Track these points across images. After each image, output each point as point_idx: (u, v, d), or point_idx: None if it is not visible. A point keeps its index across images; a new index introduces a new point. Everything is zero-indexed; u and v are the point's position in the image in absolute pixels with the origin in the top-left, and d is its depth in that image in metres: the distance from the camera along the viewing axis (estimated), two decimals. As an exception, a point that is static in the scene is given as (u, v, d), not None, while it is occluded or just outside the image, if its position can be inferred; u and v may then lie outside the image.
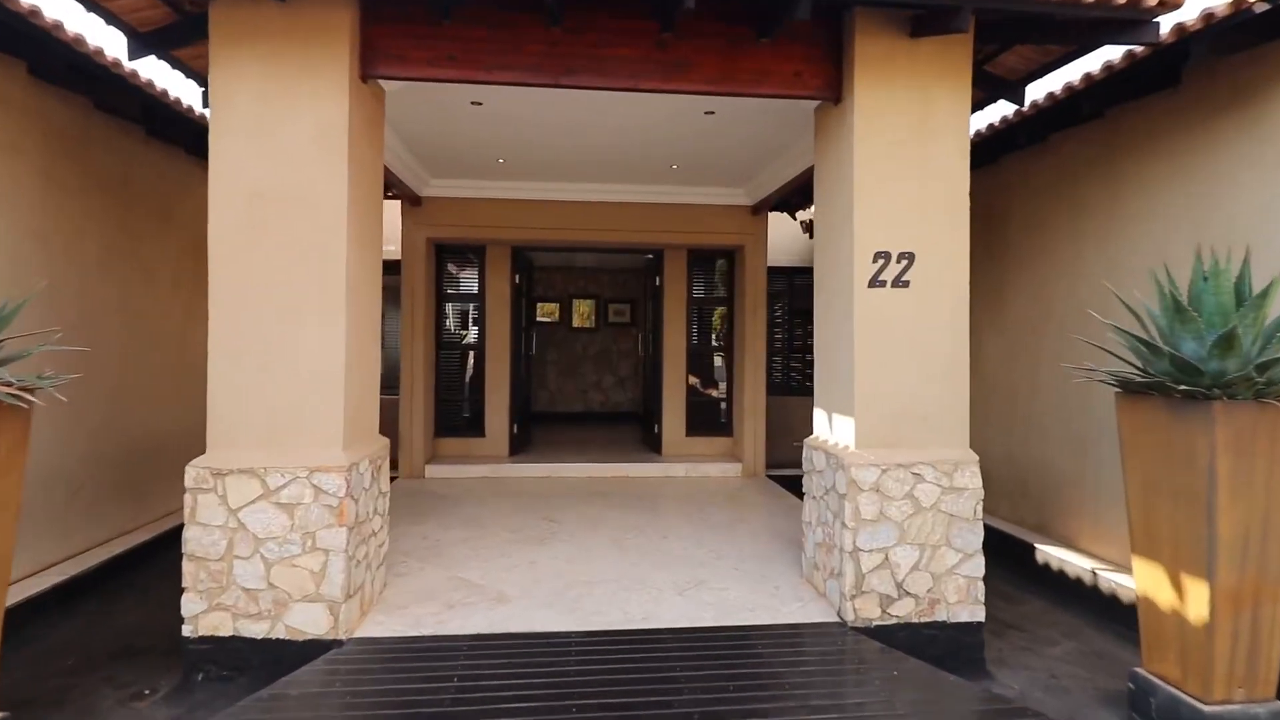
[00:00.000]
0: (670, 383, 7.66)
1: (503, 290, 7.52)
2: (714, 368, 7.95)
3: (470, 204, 6.97)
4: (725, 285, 7.84)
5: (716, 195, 7.16)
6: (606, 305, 11.24)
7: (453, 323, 7.69)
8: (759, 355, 7.29)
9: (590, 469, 7.14)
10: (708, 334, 8.08)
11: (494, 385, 7.50)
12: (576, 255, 10.00)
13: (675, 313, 7.68)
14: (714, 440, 7.73)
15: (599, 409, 11.23)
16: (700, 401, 7.88)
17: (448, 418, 7.55)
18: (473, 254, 7.57)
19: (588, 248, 7.65)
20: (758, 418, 7.27)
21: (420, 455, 6.97)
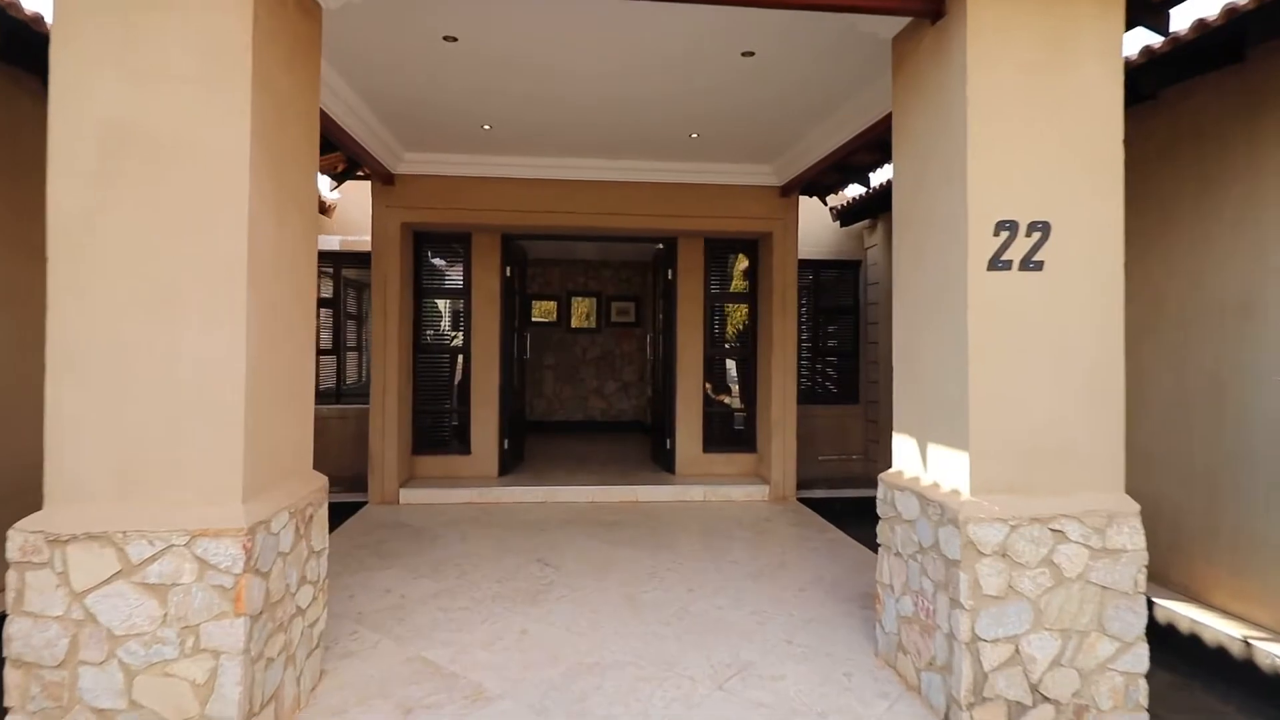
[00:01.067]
0: (684, 391, 6.66)
1: (491, 285, 6.51)
2: (734, 374, 6.94)
3: (452, 183, 5.97)
4: (748, 279, 6.84)
5: (740, 173, 6.16)
6: (609, 303, 10.24)
7: (434, 322, 6.68)
8: (789, 359, 6.29)
9: (593, 492, 6.13)
10: (728, 335, 7.08)
11: (481, 394, 6.50)
12: (576, 246, 8.94)
13: (690, 311, 6.68)
14: (735, 458, 6.73)
15: (600, 418, 10.23)
16: (719, 413, 6.89)
17: (428, 432, 6.54)
18: (457, 243, 6.56)
19: (589, 235, 6.64)
20: (787, 431, 6.27)
21: (394, 477, 5.96)
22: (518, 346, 7.30)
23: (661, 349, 7.22)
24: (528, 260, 7.93)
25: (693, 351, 6.68)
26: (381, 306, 5.94)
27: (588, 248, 9.11)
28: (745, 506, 6.02)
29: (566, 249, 9.23)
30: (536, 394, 10.11)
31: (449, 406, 6.59)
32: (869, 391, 8.14)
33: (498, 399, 6.50)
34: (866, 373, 8.20)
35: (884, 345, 7.62)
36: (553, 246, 8.95)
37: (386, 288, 5.95)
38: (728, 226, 6.26)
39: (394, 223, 5.95)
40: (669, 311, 6.82)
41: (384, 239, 5.95)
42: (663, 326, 7.10)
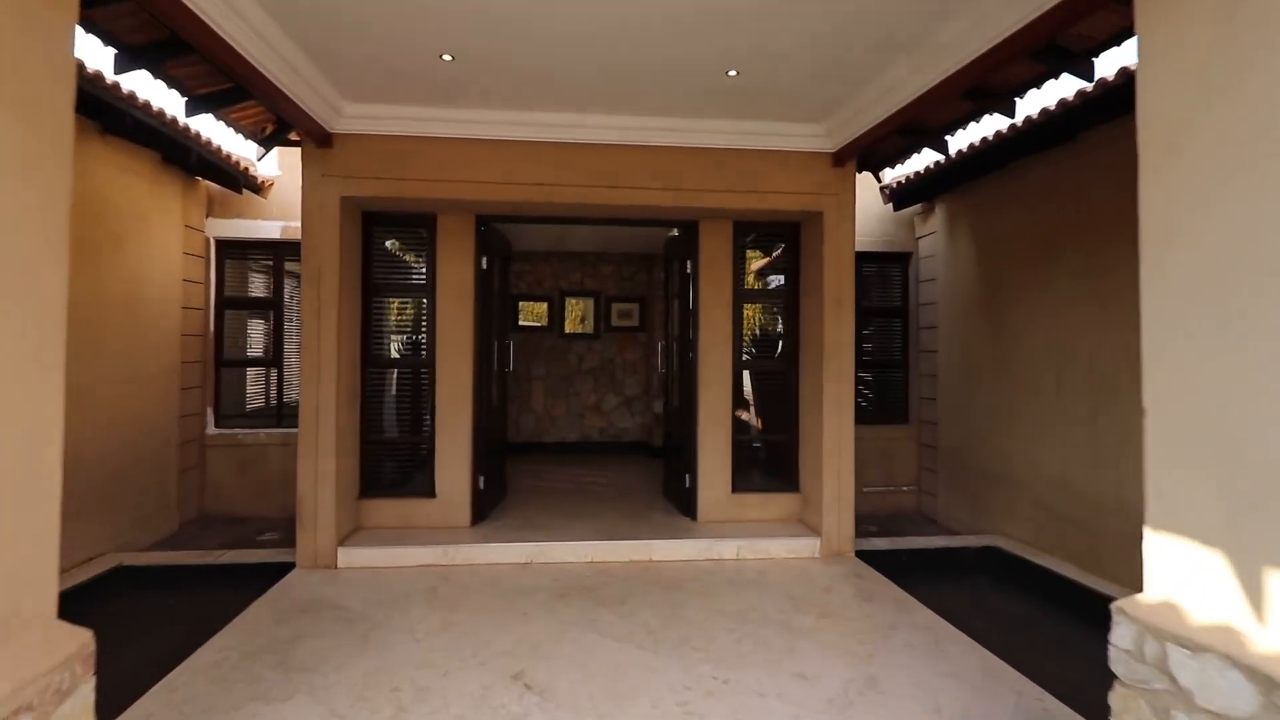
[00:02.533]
0: (709, 413, 5.26)
1: (462, 279, 5.11)
2: (772, 392, 5.55)
3: (409, 146, 4.57)
4: (789, 272, 5.45)
5: (783, 135, 4.79)
6: (609, 304, 8.84)
7: (390, 327, 5.26)
8: (843, 374, 4.91)
9: (593, 549, 4.71)
10: (764, 342, 5.69)
11: (449, 419, 5.08)
12: (570, 233, 7.46)
13: (715, 313, 5.29)
14: (773, 499, 5.33)
15: (599, 438, 8.82)
16: (751, 441, 5.49)
17: (380, 470, 5.12)
18: (418, 226, 5.15)
19: (587, 218, 5.25)
20: (841, 467, 4.88)
21: (330, 532, 4.52)
22: (499, 356, 5.90)
23: (676, 360, 5.82)
24: (511, 252, 6.52)
25: (719, 363, 5.28)
26: (314, 307, 4.52)
27: (585, 236, 7.63)
28: (792, 568, 4.62)
29: (558, 237, 7.77)
30: (524, 410, 8.69)
31: (408, 435, 5.17)
32: (922, 410, 6.78)
33: (471, 424, 5.09)
34: (918, 387, 6.84)
35: (945, 355, 6.26)
36: (541, 234, 7.51)
37: (321, 281, 4.53)
38: (764, 204, 4.88)
39: (331, 197, 4.53)
40: (688, 314, 5.43)
41: (319, 218, 4.53)
42: (679, 332, 5.71)
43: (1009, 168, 5.29)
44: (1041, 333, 4.98)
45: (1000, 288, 5.45)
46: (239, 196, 6.31)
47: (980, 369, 5.72)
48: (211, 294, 6.31)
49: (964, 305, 5.98)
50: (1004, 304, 5.39)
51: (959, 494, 6.07)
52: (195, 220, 6.07)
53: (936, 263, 6.50)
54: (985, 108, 4.38)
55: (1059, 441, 4.79)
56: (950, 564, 5.15)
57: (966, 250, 5.95)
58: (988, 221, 5.63)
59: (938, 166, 5.69)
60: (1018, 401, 5.22)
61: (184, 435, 5.91)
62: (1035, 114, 4.57)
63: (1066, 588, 4.37)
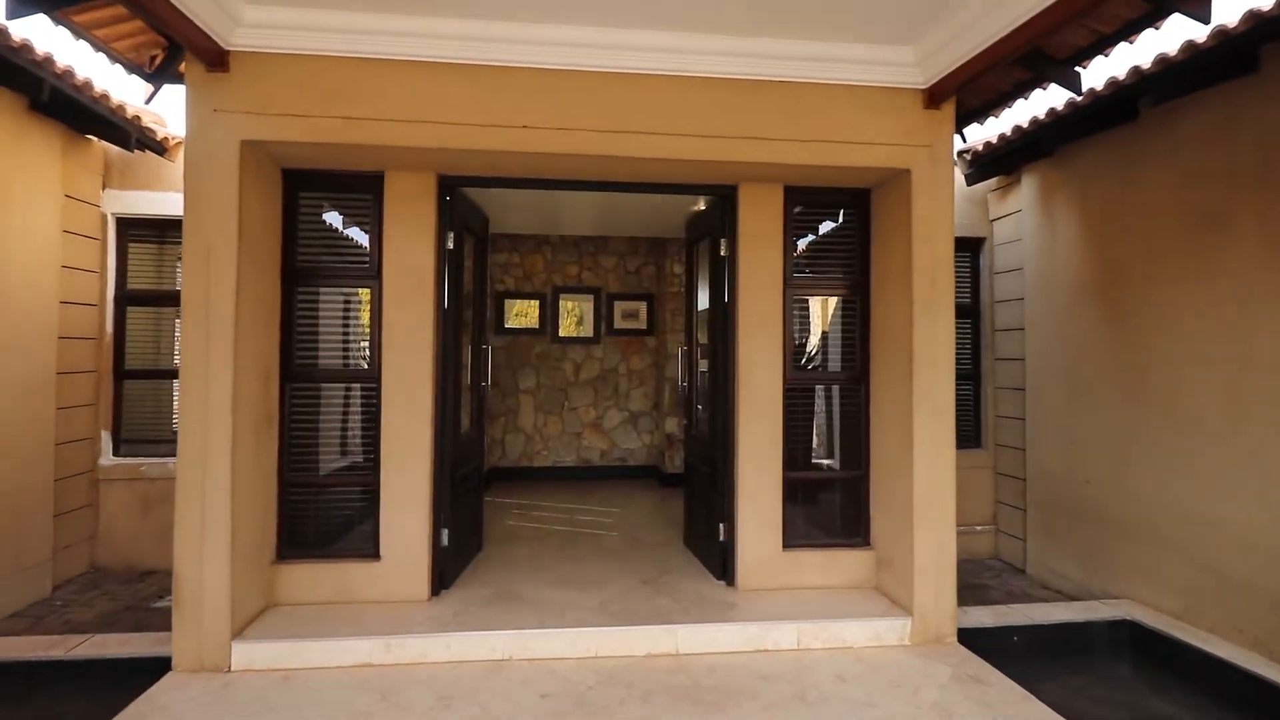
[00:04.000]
0: (752, 442, 3.92)
1: (419, 262, 3.77)
2: (834, 413, 4.21)
3: (341, 71, 3.25)
4: (857, 255, 4.12)
5: (859, 62, 3.49)
6: (610, 303, 7.52)
7: (320, 329, 3.91)
8: (941, 390, 3.58)
9: (597, 639, 3.36)
10: (821, 348, 4.35)
11: (399, 452, 3.73)
12: (567, 206, 5.90)
13: (760, 307, 3.96)
14: (839, 558, 3.99)
15: (600, 461, 7.47)
16: (809, 480, 4.15)
17: (304, 521, 3.76)
18: (358, 190, 3.81)
19: (591, 179, 3.91)
20: (940, 518, 3.55)
21: (223, 617, 3.16)
22: (475, 365, 4.56)
23: (706, 370, 4.49)
24: (488, 231, 5.17)
25: (765, 376, 3.95)
26: (199, 299, 3.17)
27: (584, 211, 6.09)
28: (879, 665, 3.28)
29: (551, 213, 6.26)
30: (510, 429, 7.35)
31: (343, 474, 3.82)
32: (1001, 432, 5.47)
33: (430, 457, 3.75)
34: (994, 403, 5.54)
35: (1038, 364, 4.96)
36: (529, 208, 5.98)
37: (211, 263, 3.18)
38: (830, 158, 3.56)
39: (227, 142, 3.20)
40: (722, 310, 4.10)
41: (208, 172, 3.19)
42: (711, 333, 4.36)
43: (1143, 119, 4.01)
44: (1200, 337, 3.68)
45: (1129, 277, 4.15)
46: (148, 164, 4.98)
47: (1096, 383, 4.41)
48: (110, 286, 4.97)
49: (1069, 301, 4.68)
50: (1136, 298, 4.09)
51: (1061, 541, 4.76)
52: (84, 190, 4.72)
53: (1022, 249, 5.21)
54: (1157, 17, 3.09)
55: (1236, 484, 3.49)
56: (1076, 645, 3.84)
57: (1073, 230, 4.65)
58: (1109, 191, 4.34)
59: (1035, 124, 4.41)
60: (1161, 427, 3.92)
61: (66, 468, 4.55)
62: (1204, 39, 3.32)
63: (1253, 687, 3.12)
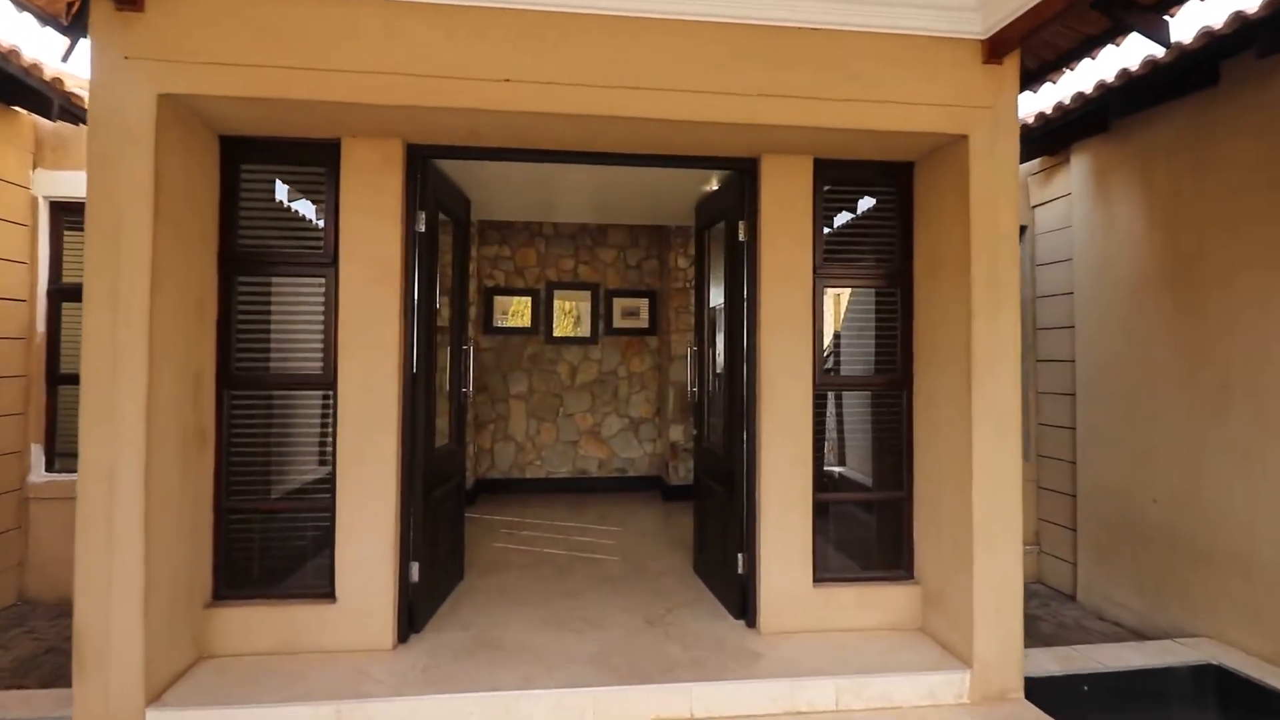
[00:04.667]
0: (777, 458, 3.33)
1: (383, 248, 3.18)
2: (870, 424, 3.63)
3: (287, 6, 2.67)
4: (898, 242, 3.54)
5: (908, 6, 2.92)
6: (610, 300, 6.94)
7: (269, 325, 3.32)
8: (1005, 398, 3.00)
9: (594, 702, 2.77)
10: (855, 348, 3.76)
11: (359, 471, 3.13)
12: (557, 184, 5.07)
13: (786, 299, 3.37)
14: (879, 594, 3.40)
15: (598, 472, 6.89)
16: (842, 503, 3.57)
17: (246, 556, 3.16)
18: (308, 159, 3.22)
19: (590, 150, 3.33)
20: (1005, 551, 2.97)
21: (134, 677, 2.56)
22: (454, 369, 3.99)
23: (724, 373, 3.92)
24: (469, 213, 4.57)
25: (792, 379, 3.37)
26: (105, 287, 2.58)
27: (580, 190, 5.31)
28: (935, 730, 2.71)
29: (544, 196, 5.51)
30: (500, 437, 6.76)
31: (293, 499, 3.23)
32: (1044, 441, 4.91)
33: (397, 477, 3.16)
34: (1036, 409, 4.97)
35: (1091, 366, 4.39)
36: (518, 188, 5.24)
37: (120, 246, 2.60)
38: (869, 121, 2.99)
39: (140, 95, 2.61)
40: (741, 304, 3.52)
41: (118, 131, 2.61)
42: (728, 330, 3.77)
43: (1225, 83, 3.46)
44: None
45: (1207, 264, 3.59)
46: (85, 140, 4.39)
47: (1165, 386, 3.85)
48: (42, 279, 4.38)
49: (1129, 294, 4.12)
50: (1217, 287, 3.53)
51: (1119, 566, 4.19)
52: (10, 169, 4.14)
53: (1071, 238, 4.65)
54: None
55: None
56: (1154, 694, 3.27)
57: (1134, 214, 4.09)
58: (1180, 168, 3.77)
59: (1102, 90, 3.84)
60: (1251, 436, 3.36)
61: (-14, 486, 3.97)
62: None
63: None
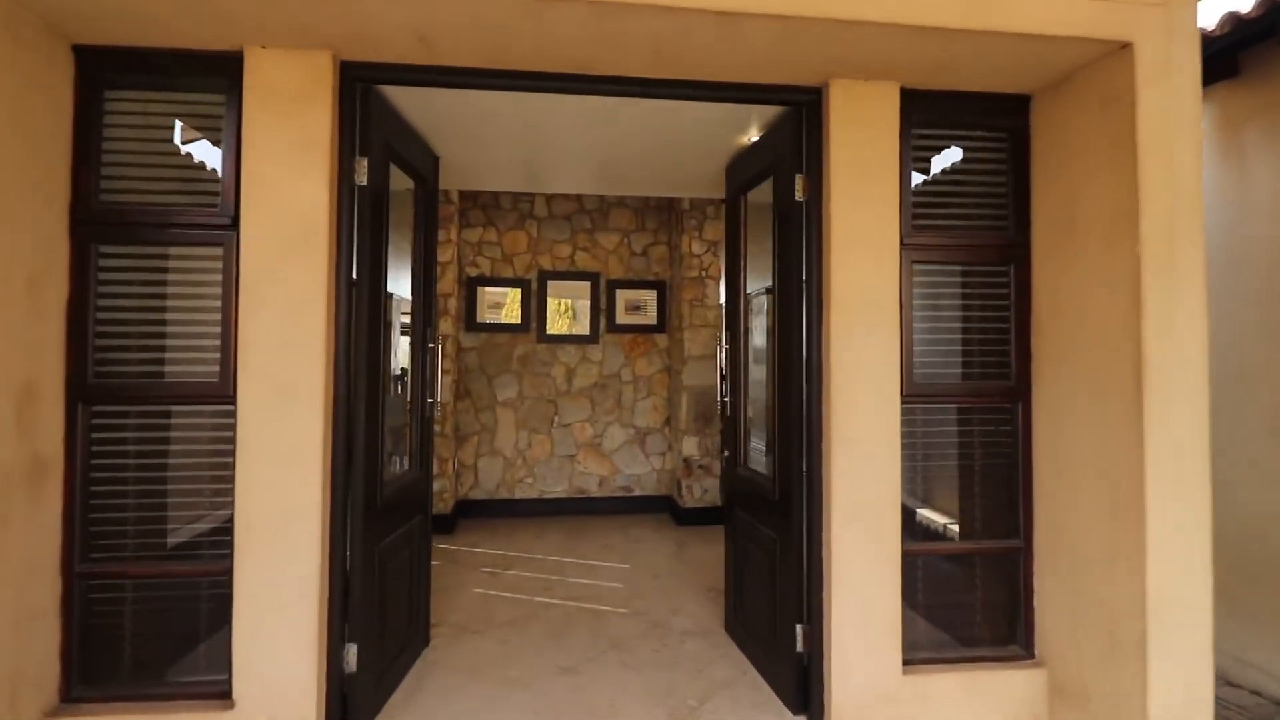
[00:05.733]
0: (853, 495, 2.43)
1: (306, 206, 2.26)
2: (972, 450, 2.73)
3: None
4: (1010, 203, 2.64)
5: None
6: (612, 292, 6.04)
7: (143, 318, 2.40)
8: (1188, 412, 2.13)
9: None
10: (943, 345, 2.85)
11: (268, 520, 2.21)
12: (549, 134, 3.50)
13: (863, 280, 2.47)
14: (985, 679, 2.50)
15: (598, 492, 5.98)
16: (937, 556, 2.67)
17: (109, 639, 2.24)
18: (205, 80, 2.31)
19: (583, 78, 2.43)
20: (1188, 630, 2.10)
21: None
22: (417, 373, 3.08)
23: (774, 379, 3.02)
24: (436, 172, 3.55)
25: (874, 390, 2.46)
26: None
27: (579, 143, 3.73)
28: None
29: (530, 149, 3.84)
30: (485, 451, 5.85)
31: (178, 560, 2.31)
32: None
33: (324, 526, 2.25)
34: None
35: (1228, 366, 3.50)
36: (499, 136, 3.61)
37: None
38: (991, 18, 2.11)
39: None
40: (796, 285, 2.62)
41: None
42: (790, 321, 2.82)
43: None
44: None
45: None
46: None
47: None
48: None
49: (1271, 282, 3.24)
50: None
51: (1258, 616, 3.30)
52: None
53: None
54: None
55: None
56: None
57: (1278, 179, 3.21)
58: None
59: (1267, 7, 2.96)
60: None
61: None
62: None
63: None
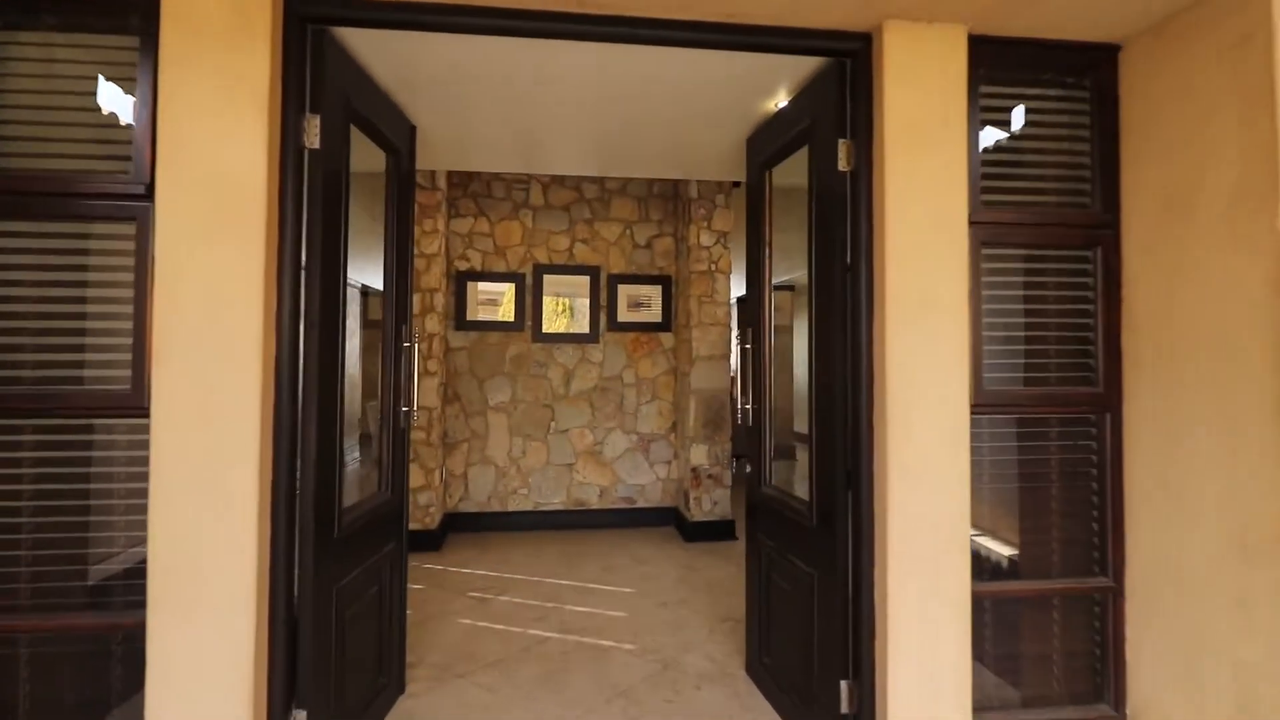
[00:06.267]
0: (913, 526, 2.01)
1: (239, 170, 1.82)
2: (1045, 468, 2.31)
3: None
4: (1096, 175, 2.22)
5: None
6: (613, 287, 5.61)
7: (30, 309, 1.96)
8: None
9: None
10: (1001, 348, 2.42)
11: (188, 568, 1.78)
12: (541, 97, 2.90)
13: (922, 267, 2.04)
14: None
15: (598, 504, 5.55)
16: (1009, 597, 2.24)
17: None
18: (116, 28, 1.87)
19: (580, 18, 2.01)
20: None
21: None
22: (388, 378, 2.63)
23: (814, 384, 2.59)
24: (413, 142, 3.03)
25: (938, 399, 2.03)
26: None
27: (580, 120, 3.19)
28: None
29: (524, 132, 3.36)
30: (476, 459, 5.41)
31: (81, 612, 1.87)
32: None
33: (261, 570, 1.82)
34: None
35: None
36: (486, 116, 3.14)
37: None
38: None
39: None
40: (839, 274, 2.19)
41: None
42: (833, 317, 2.38)
43: None
44: None
45: None
46: None
47: None
48: None
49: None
50: None
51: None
52: None
53: None
54: None
55: None
56: None
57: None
58: None
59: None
60: None
61: None
62: None
63: None
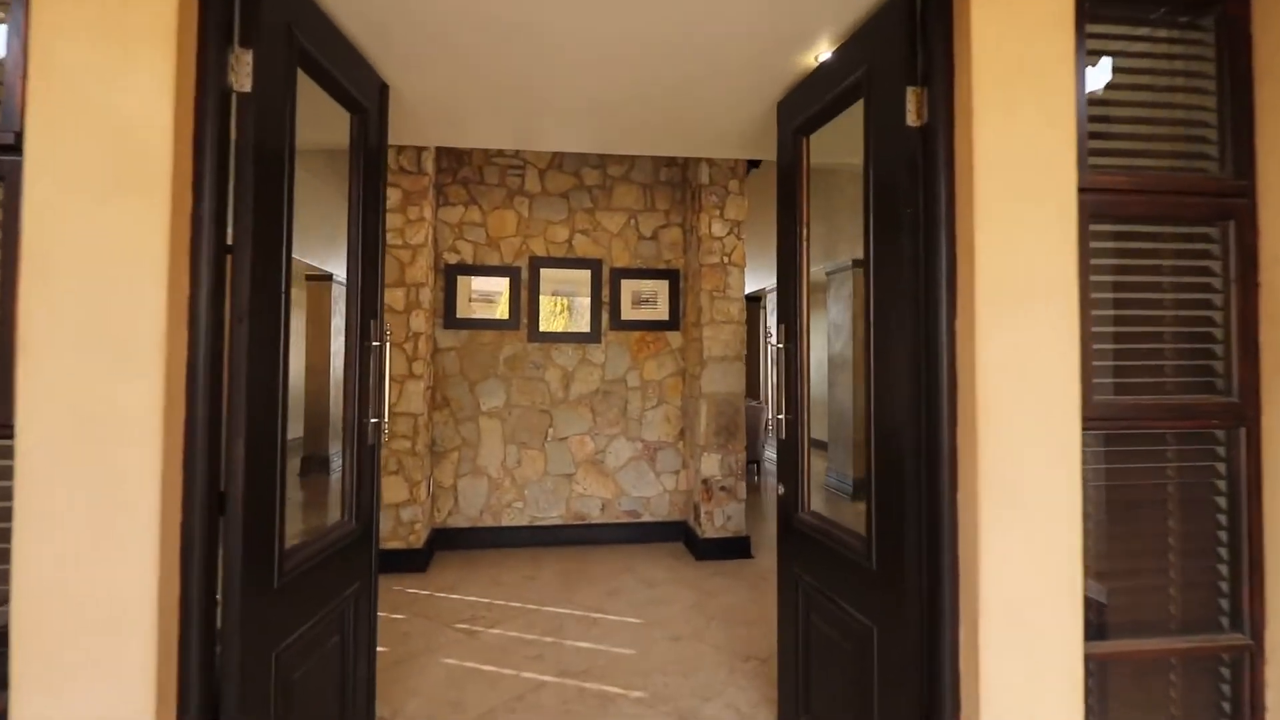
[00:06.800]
0: (1009, 573, 1.58)
1: (138, 116, 1.39)
2: (1160, 499, 1.89)
3: None
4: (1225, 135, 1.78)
5: None
6: (616, 283, 5.19)
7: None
8: None
9: None
10: (1147, 347, 1.97)
11: (71, 635, 1.35)
12: (544, 65, 2.26)
13: (1019, 246, 1.62)
14: None
15: (600, 518, 5.13)
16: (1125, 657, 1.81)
17: None
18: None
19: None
20: None
21: None
22: (354, 382, 2.20)
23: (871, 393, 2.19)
24: (385, 106, 2.51)
25: (1041, 409, 1.62)
26: None
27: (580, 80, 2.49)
28: None
29: (517, 88, 2.52)
30: (466, 470, 4.99)
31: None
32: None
33: (163, 633, 1.40)
34: None
35: None
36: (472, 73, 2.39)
37: None
38: None
39: None
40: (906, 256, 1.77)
41: None
42: (895, 311, 1.95)
43: None
44: None
45: None
46: None
47: None
48: None
49: None
50: None
51: None
52: None
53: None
54: None
55: None
56: None
57: None
58: None
59: None
60: None
61: None
62: None
63: None
